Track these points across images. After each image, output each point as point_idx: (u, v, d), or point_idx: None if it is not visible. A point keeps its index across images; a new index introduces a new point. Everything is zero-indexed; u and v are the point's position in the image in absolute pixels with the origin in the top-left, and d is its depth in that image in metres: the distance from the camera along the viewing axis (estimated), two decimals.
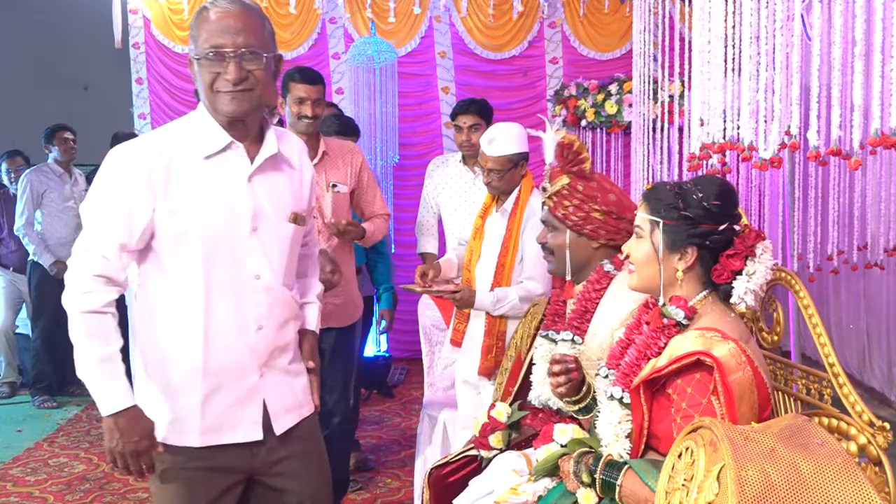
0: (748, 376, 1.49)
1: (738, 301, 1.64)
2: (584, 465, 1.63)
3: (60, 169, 5.14)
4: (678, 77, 3.79)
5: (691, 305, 1.65)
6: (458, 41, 5.99)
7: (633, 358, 1.67)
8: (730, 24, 2.51)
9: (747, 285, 1.63)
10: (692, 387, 1.52)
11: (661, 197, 1.70)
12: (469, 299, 2.79)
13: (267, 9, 5.96)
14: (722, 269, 1.65)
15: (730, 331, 1.56)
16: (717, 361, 1.47)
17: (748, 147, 2.35)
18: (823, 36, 2.10)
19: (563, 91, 5.74)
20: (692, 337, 1.54)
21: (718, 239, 1.65)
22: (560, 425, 1.82)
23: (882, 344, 4.52)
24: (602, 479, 1.58)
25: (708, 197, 1.65)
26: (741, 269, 1.64)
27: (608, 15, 5.93)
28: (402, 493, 3.58)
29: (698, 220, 1.65)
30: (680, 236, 1.66)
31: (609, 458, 1.61)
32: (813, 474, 1.23)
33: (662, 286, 1.70)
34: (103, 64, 6.67)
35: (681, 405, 1.52)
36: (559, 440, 1.80)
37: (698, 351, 1.49)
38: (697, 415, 1.48)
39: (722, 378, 1.46)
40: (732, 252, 1.65)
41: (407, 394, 5.19)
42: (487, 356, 2.84)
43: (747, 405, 1.48)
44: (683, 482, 1.29)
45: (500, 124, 2.95)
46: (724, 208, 1.66)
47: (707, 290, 1.68)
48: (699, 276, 1.68)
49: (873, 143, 1.94)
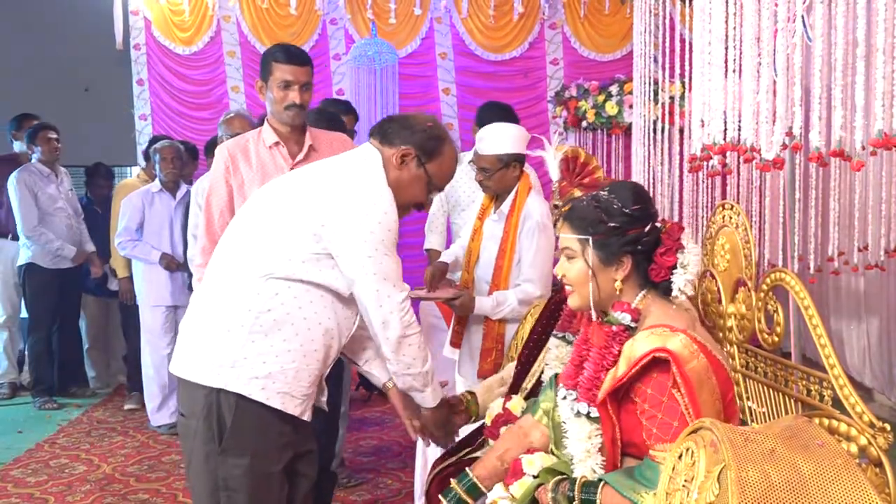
0: (703, 363, 1.52)
1: (679, 294, 1.66)
2: (562, 493, 1.63)
3: (47, 169, 5.00)
4: (679, 78, 3.79)
5: (634, 307, 1.67)
6: (459, 42, 6.00)
7: (591, 371, 1.67)
8: (730, 26, 2.51)
9: (685, 277, 1.66)
10: (651, 387, 1.54)
11: (583, 214, 1.71)
12: (469, 305, 2.79)
13: (268, 10, 5.98)
14: (658, 267, 1.68)
15: (676, 322, 1.59)
16: (671, 354, 1.49)
17: (750, 148, 2.35)
18: (825, 37, 2.09)
19: (563, 92, 5.74)
20: (644, 337, 1.56)
21: (648, 240, 1.68)
22: (527, 456, 1.81)
23: (882, 345, 4.51)
24: (582, 499, 1.57)
25: (627, 202, 1.68)
26: (675, 262, 1.67)
27: (609, 16, 5.94)
28: (402, 494, 3.57)
29: (625, 228, 1.67)
30: (612, 248, 1.68)
31: (584, 479, 1.61)
32: (813, 475, 1.23)
33: (600, 301, 1.71)
34: (104, 65, 6.67)
35: (644, 406, 1.55)
36: (529, 472, 1.79)
37: (653, 349, 1.52)
38: (660, 413, 1.51)
39: (679, 369, 1.49)
40: (664, 249, 1.68)
41: None
42: (487, 359, 2.84)
43: (707, 392, 1.51)
44: (684, 483, 1.29)
45: (497, 124, 2.95)
46: (644, 209, 1.70)
47: (644, 289, 1.70)
48: (635, 280, 1.70)
49: (876, 144, 1.94)
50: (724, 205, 1.95)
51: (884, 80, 1.96)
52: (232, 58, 6.06)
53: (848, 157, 2.15)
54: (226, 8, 6.01)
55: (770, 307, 1.85)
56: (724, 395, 1.55)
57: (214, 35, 6.03)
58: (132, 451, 4.17)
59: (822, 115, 2.10)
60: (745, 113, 2.40)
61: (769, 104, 2.27)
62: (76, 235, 5.04)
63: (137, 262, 4.58)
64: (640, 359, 1.52)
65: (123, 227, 4.49)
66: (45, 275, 4.91)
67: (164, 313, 4.49)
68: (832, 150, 2.08)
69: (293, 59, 2.57)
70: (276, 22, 6.01)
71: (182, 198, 4.53)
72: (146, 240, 4.50)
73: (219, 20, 6.03)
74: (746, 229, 1.85)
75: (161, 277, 4.47)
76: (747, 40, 2.35)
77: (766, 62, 2.29)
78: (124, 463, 3.99)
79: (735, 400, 1.63)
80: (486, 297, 2.80)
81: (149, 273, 4.50)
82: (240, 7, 5.99)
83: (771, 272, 1.84)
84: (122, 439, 4.38)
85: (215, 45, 6.05)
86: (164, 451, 4.18)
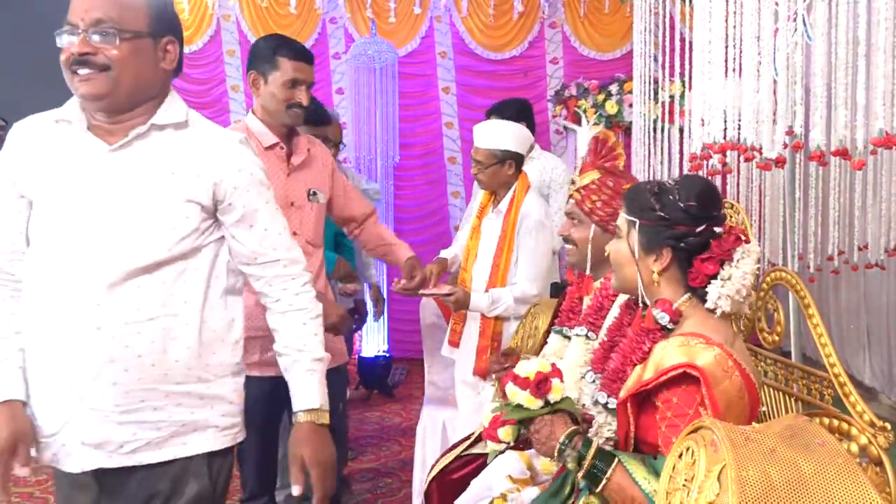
0: (736, 383, 1.47)
1: (713, 307, 1.59)
2: (573, 447, 1.57)
3: None
4: (679, 77, 3.78)
5: (676, 308, 1.62)
6: (459, 41, 5.99)
7: (617, 363, 1.64)
8: (731, 25, 2.50)
9: (721, 290, 1.58)
10: (678, 397, 1.49)
11: (639, 197, 1.67)
12: (464, 301, 2.79)
13: (268, 9, 5.98)
14: (696, 272, 1.61)
15: (714, 334, 1.53)
16: (702, 373, 1.44)
17: (750, 147, 2.34)
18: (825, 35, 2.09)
19: (563, 91, 5.74)
20: (675, 345, 1.51)
21: (694, 241, 1.61)
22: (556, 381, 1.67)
23: (882, 344, 4.51)
24: (593, 464, 1.52)
25: (685, 197, 1.61)
26: (716, 273, 1.59)
27: (609, 15, 5.93)
28: (401, 493, 3.57)
29: (674, 221, 1.61)
30: (655, 237, 1.63)
31: (600, 447, 1.56)
32: (814, 474, 1.23)
33: (642, 288, 1.67)
34: None
35: (666, 414, 1.50)
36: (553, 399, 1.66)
37: (683, 363, 1.47)
38: (684, 425, 1.45)
39: (709, 391, 1.44)
40: (707, 255, 1.60)
41: (407, 394, 5.19)
42: (482, 357, 2.84)
43: (735, 413, 1.46)
44: (684, 482, 1.29)
45: (499, 120, 2.96)
46: (703, 209, 1.61)
47: (690, 292, 1.65)
48: (679, 279, 1.64)
49: (877, 143, 1.93)
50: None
51: (885, 79, 1.96)
52: (231, 57, 6.06)
53: (849, 156, 2.15)
54: (225, 7, 6.01)
55: (770, 306, 1.84)
56: (752, 412, 1.51)
57: (214, 34, 6.03)
58: None
59: (823, 114, 2.10)
60: (746, 112, 2.40)
61: (770, 103, 2.27)
62: None
63: None
64: (669, 370, 1.48)
65: None
66: None
67: None
68: (834, 149, 2.08)
69: (301, 55, 2.43)
70: (275, 21, 6.01)
71: None
72: None
73: (218, 19, 6.02)
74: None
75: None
76: (748, 39, 2.35)
77: (766, 61, 2.29)
78: None
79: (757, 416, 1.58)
80: (481, 295, 2.80)
81: None
82: (239, 6, 5.98)
83: (771, 271, 1.84)
84: None
85: (215, 44, 6.05)
86: None
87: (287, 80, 2.40)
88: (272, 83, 2.41)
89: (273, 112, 2.44)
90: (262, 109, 2.47)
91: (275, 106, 2.43)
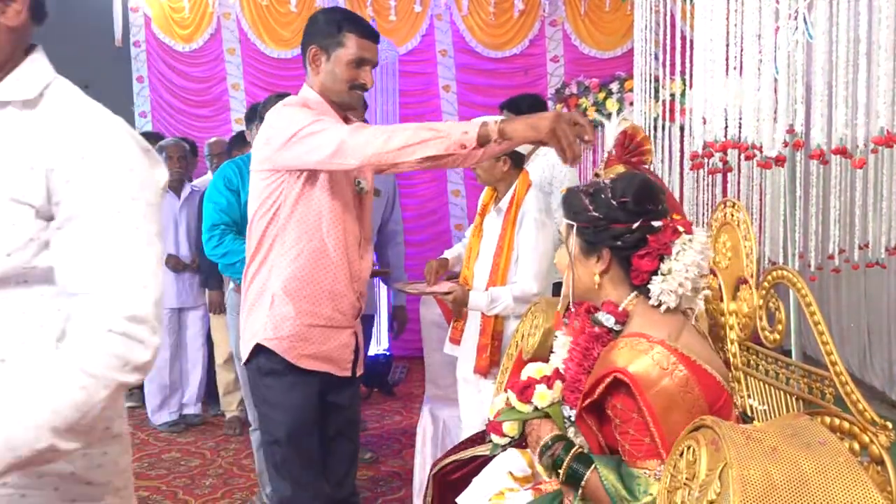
0: (678, 379, 1.43)
1: (656, 303, 1.57)
2: (551, 456, 1.58)
3: None
4: (679, 75, 3.78)
5: (622, 309, 1.60)
6: (459, 39, 5.99)
7: (572, 373, 1.63)
8: (732, 23, 2.50)
9: (662, 286, 1.55)
10: (621, 402, 1.47)
11: (574, 200, 1.65)
12: (463, 299, 2.79)
13: (268, 7, 5.97)
14: (636, 270, 1.59)
15: (656, 331, 1.50)
16: (631, 379, 1.42)
17: (751, 145, 2.34)
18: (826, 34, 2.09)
19: (564, 89, 5.73)
20: (617, 349, 1.49)
21: (631, 238, 1.58)
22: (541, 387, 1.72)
23: (883, 342, 4.51)
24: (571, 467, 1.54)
25: (619, 195, 1.58)
26: (656, 268, 1.57)
27: (609, 13, 5.94)
28: (402, 491, 3.57)
29: (610, 220, 1.58)
30: (592, 238, 1.61)
31: (580, 451, 1.57)
32: (815, 473, 1.23)
33: (575, 291, 1.66)
34: (104, 62, 6.65)
35: (616, 421, 1.50)
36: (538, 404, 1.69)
37: (613, 369, 1.45)
38: (632, 429, 1.46)
39: (641, 396, 1.42)
40: (644, 251, 1.57)
41: (408, 392, 5.20)
42: (482, 355, 2.84)
43: (681, 411, 1.43)
44: (685, 481, 1.29)
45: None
46: (637, 205, 1.57)
47: (634, 291, 1.62)
48: (622, 279, 1.62)
49: (878, 142, 1.93)
50: (725, 202, 1.94)
51: (886, 78, 1.96)
52: (232, 55, 6.06)
53: (849, 155, 2.15)
54: (226, 5, 6.01)
55: (771, 305, 1.84)
56: (712, 404, 1.48)
57: (214, 32, 6.03)
58: (132, 449, 4.16)
59: (824, 113, 2.09)
60: (746, 110, 2.40)
61: (770, 101, 2.27)
62: None
63: None
64: (601, 377, 1.47)
65: None
66: None
67: (168, 315, 4.47)
68: (834, 148, 2.08)
69: (370, 33, 2.22)
70: (276, 19, 6.01)
71: (187, 198, 4.52)
72: None
73: (219, 17, 6.02)
74: (748, 226, 1.85)
75: (166, 279, 4.45)
76: (748, 37, 2.35)
77: (767, 59, 2.29)
78: None
79: (729, 404, 1.56)
80: (480, 293, 2.80)
81: None
82: (240, 4, 5.98)
83: (772, 269, 1.83)
84: None
85: (215, 43, 6.05)
86: (164, 448, 4.18)
87: (353, 58, 2.18)
88: (335, 61, 2.18)
89: (334, 91, 2.21)
90: (320, 86, 2.22)
91: (337, 86, 2.20)
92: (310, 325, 2.15)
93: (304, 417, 2.17)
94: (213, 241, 3.06)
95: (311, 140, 2.02)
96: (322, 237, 2.14)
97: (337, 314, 2.19)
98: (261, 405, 2.26)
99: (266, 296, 2.16)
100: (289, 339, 2.14)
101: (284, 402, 2.16)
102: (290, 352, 2.14)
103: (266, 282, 2.16)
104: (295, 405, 2.16)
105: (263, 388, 2.20)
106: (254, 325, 2.17)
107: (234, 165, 3.21)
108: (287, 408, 2.16)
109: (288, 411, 2.16)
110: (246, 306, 2.21)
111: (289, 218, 2.13)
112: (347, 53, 2.16)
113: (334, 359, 2.20)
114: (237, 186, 3.09)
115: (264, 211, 2.15)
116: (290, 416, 2.16)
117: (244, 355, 2.21)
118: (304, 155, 2.04)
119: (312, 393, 2.20)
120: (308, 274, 2.14)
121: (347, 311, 2.22)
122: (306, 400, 2.18)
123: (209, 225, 3.10)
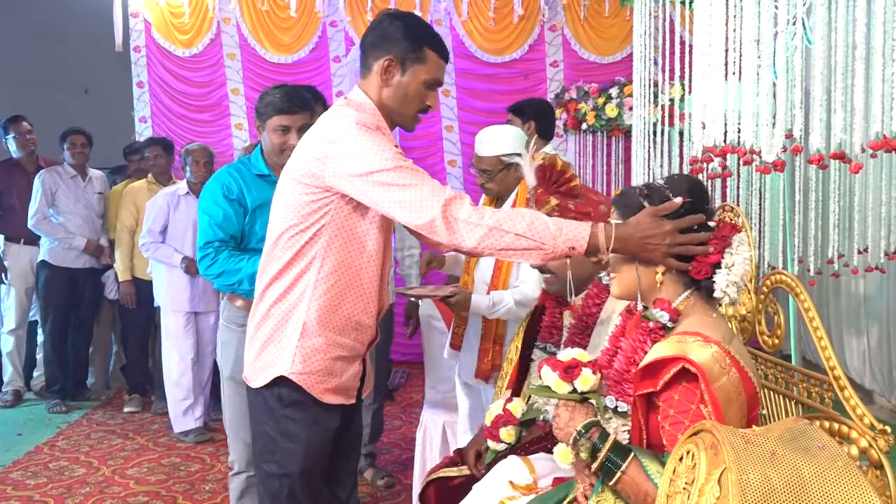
0: (734, 379, 1.47)
1: (722, 295, 1.61)
2: (588, 440, 1.55)
3: (73, 171, 5.07)
4: (679, 80, 3.79)
5: (675, 307, 1.63)
6: (459, 44, 6.00)
7: (622, 365, 1.64)
8: (730, 28, 2.51)
9: (728, 278, 1.60)
10: (679, 394, 1.49)
11: (629, 201, 1.68)
12: (465, 302, 2.78)
13: (268, 12, 5.99)
14: (700, 264, 1.62)
15: (712, 332, 1.53)
16: (699, 369, 1.45)
17: (749, 150, 2.35)
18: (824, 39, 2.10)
19: (563, 94, 5.75)
20: (671, 342, 1.52)
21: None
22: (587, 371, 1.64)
23: (882, 347, 4.51)
24: (607, 457, 1.51)
25: (677, 194, 1.63)
26: (719, 261, 1.61)
27: (609, 18, 5.94)
28: (402, 496, 3.57)
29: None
30: None
31: (616, 440, 1.55)
32: (814, 478, 1.23)
33: (641, 291, 1.68)
34: (104, 67, 6.68)
35: (668, 412, 1.50)
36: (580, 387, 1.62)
37: (680, 356, 1.46)
38: (688, 420, 1.46)
39: (707, 387, 1.44)
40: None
41: (407, 397, 5.19)
42: (484, 360, 2.84)
43: (735, 409, 1.47)
44: (685, 486, 1.29)
45: (496, 125, 2.95)
46: (695, 204, 1.64)
47: (689, 289, 1.65)
48: (680, 277, 1.65)
49: (875, 147, 1.94)
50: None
51: (883, 83, 1.97)
52: (232, 60, 6.07)
53: (847, 160, 2.16)
54: (226, 10, 6.02)
55: (770, 309, 1.85)
56: (750, 411, 1.51)
57: (214, 37, 6.04)
58: (132, 454, 4.16)
59: (822, 118, 2.10)
60: (746, 115, 2.40)
61: (769, 106, 2.28)
62: (92, 234, 5.07)
63: (159, 265, 4.52)
64: (669, 366, 1.48)
65: (147, 229, 4.43)
66: (54, 272, 4.97)
67: (185, 317, 4.45)
68: (832, 153, 2.09)
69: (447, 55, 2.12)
70: (276, 24, 6.02)
71: None
72: (169, 242, 4.42)
73: (219, 22, 6.03)
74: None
75: (181, 282, 4.41)
76: (747, 42, 2.36)
77: (766, 64, 2.30)
78: (124, 466, 3.98)
79: (758, 417, 1.58)
80: (482, 296, 2.80)
81: (170, 277, 4.45)
82: (240, 9, 5.99)
83: (771, 274, 1.84)
84: (122, 442, 4.37)
85: (215, 48, 6.06)
86: (164, 453, 4.17)
87: (430, 78, 2.01)
88: (412, 76, 1.99)
89: (400, 112, 2.05)
90: (384, 98, 2.02)
91: (406, 108, 2.04)
92: (334, 358, 2.01)
93: (321, 451, 2.06)
94: (206, 260, 2.75)
95: (395, 193, 1.83)
96: (361, 267, 1.99)
97: (357, 344, 2.06)
98: (277, 435, 2.06)
99: (294, 323, 1.97)
100: (317, 375, 1.99)
101: (305, 436, 2.02)
102: (316, 387, 2.00)
103: (295, 307, 1.97)
104: (315, 439, 2.03)
105: (284, 419, 2.02)
106: (277, 355, 2.00)
107: (233, 170, 2.86)
108: (307, 441, 2.03)
109: (307, 445, 2.03)
110: (265, 329, 2.02)
111: (331, 241, 1.94)
112: (426, 71, 1.99)
113: (348, 388, 2.09)
114: (237, 195, 2.74)
115: (303, 228, 1.94)
116: (309, 450, 2.03)
117: (258, 381, 2.04)
118: (381, 202, 1.85)
119: (332, 427, 2.07)
120: (340, 304, 1.99)
121: (366, 342, 2.10)
122: (326, 434, 2.05)
123: (202, 242, 2.77)
